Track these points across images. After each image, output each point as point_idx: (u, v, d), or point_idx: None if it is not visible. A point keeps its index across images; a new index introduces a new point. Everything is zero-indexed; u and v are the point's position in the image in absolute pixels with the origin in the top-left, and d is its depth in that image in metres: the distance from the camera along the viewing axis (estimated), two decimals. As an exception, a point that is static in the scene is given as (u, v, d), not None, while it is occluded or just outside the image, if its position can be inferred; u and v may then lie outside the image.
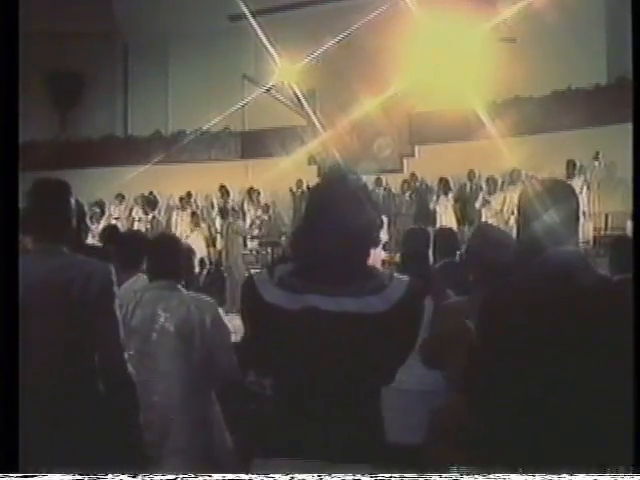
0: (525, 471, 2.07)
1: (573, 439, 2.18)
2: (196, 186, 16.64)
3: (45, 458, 2.38)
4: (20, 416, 2.32)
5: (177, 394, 3.53)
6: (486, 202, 14.34)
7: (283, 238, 15.11)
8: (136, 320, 3.52)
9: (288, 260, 2.22)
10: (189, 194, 16.45)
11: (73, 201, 2.85)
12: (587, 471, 2.06)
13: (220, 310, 3.71)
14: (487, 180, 14.57)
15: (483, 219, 13.95)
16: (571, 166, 13.32)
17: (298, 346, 2.05)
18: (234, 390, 4.03)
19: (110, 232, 5.78)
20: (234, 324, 3.87)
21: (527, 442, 2.21)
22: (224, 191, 16.30)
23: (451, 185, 14.74)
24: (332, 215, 2.10)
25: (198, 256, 5.07)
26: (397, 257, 12.10)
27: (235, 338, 3.81)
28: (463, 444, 2.62)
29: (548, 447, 2.19)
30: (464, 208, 14.65)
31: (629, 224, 10.35)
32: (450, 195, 14.67)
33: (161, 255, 3.68)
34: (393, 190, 15.45)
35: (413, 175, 15.46)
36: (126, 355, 2.78)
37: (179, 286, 3.65)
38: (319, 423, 2.03)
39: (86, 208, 6.26)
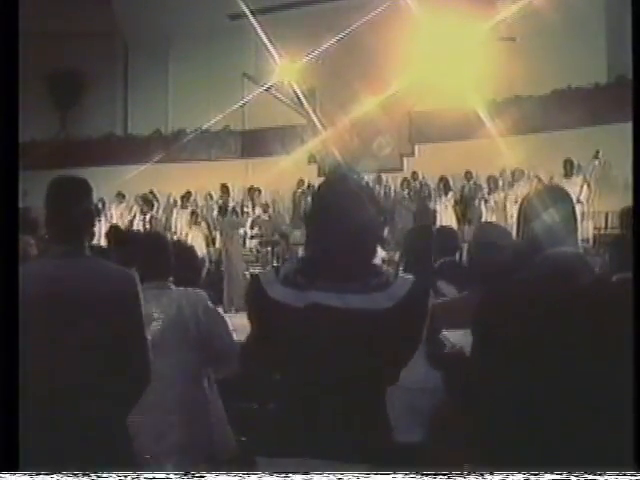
0: (525, 470, 2.07)
1: (573, 439, 2.18)
2: (196, 185, 16.64)
3: (45, 458, 2.38)
4: (20, 416, 2.32)
5: (177, 392, 3.53)
6: (486, 201, 14.35)
7: (281, 237, 15.11)
8: None
9: (294, 258, 2.23)
10: (189, 193, 16.46)
11: (94, 201, 2.83)
12: (587, 471, 2.06)
13: (209, 300, 3.69)
14: (487, 179, 14.58)
15: (483, 218, 13.97)
16: (568, 165, 13.34)
17: (303, 342, 2.07)
18: (238, 386, 4.03)
19: (114, 233, 5.77)
20: (233, 322, 3.88)
21: (527, 442, 2.21)
22: (224, 190, 16.31)
23: (451, 184, 14.75)
24: (336, 213, 2.13)
25: (199, 255, 5.06)
26: (396, 255, 12.13)
27: (236, 337, 3.81)
28: (463, 443, 2.62)
29: (548, 447, 2.19)
30: (464, 207, 14.65)
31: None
32: (450, 194, 14.68)
33: (150, 255, 3.68)
34: (393, 188, 15.44)
35: (414, 173, 15.43)
36: (151, 357, 2.77)
37: (169, 284, 3.65)
38: (323, 420, 2.04)
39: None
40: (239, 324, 3.73)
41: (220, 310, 3.80)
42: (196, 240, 14.25)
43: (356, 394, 2.05)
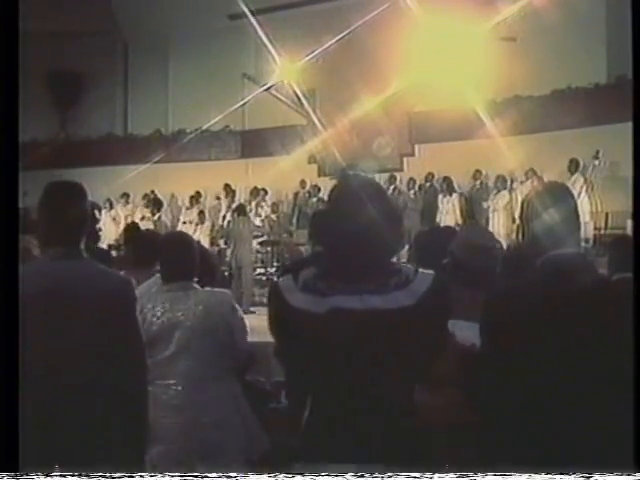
0: (524, 470, 2.07)
1: (573, 439, 2.18)
2: (196, 185, 16.63)
3: (45, 458, 2.38)
4: (20, 416, 2.32)
5: (207, 393, 3.53)
6: (485, 201, 14.35)
7: (287, 237, 15.11)
8: (158, 325, 3.54)
9: (310, 263, 2.22)
10: (198, 193, 16.47)
11: (90, 202, 2.83)
12: (587, 471, 2.06)
13: (232, 299, 3.77)
14: (487, 179, 14.58)
15: (484, 218, 13.98)
16: (574, 165, 13.31)
17: (328, 347, 2.06)
18: (260, 392, 4.05)
19: (130, 231, 5.74)
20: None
21: (526, 441, 2.21)
22: (228, 190, 16.31)
23: (455, 185, 14.74)
24: (350, 215, 2.11)
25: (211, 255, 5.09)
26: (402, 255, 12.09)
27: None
28: (461, 443, 2.62)
29: (548, 446, 2.19)
30: (466, 207, 14.64)
31: (629, 223, 10.35)
32: (454, 194, 14.68)
33: (174, 256, 3.68)
34: (400, 188, 15.40)
35: (429, 174, 15.40)
36: (148, 362, 2.78)
37: (194, 285, 3.65)
38: (353, 424, 2.03)
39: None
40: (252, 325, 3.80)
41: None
42: (203, 240, 14.25)
43: (387, 395, 2.05)
